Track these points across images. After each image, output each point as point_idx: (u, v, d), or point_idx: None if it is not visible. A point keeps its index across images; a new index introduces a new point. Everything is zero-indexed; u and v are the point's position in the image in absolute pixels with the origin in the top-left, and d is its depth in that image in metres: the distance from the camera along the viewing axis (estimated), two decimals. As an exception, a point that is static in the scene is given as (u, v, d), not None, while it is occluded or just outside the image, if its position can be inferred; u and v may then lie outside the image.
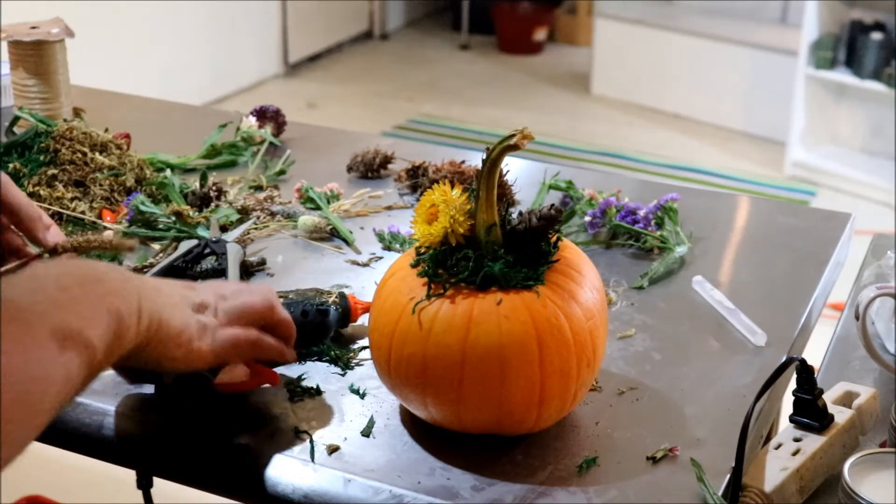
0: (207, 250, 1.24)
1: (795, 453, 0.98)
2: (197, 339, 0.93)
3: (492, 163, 0.97)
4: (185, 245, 1.26)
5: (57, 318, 0.76)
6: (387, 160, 1.61)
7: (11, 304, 0.74)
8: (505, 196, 1.46)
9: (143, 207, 1.38)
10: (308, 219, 1.40)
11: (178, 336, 0.91)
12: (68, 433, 1.08)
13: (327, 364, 1.13)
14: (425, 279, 0.98)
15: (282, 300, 1.14)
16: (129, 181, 1.46)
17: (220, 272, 1.24)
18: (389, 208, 1.50)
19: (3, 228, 1.11)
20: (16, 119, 1.59)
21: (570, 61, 5.97)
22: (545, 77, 5.74)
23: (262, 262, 1.32)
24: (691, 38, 5.01)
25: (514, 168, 1.50)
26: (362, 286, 1.28)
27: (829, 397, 1.05)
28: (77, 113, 1.71)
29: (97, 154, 1.46)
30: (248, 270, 1.31)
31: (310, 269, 1.33)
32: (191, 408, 1.02)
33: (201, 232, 1.34)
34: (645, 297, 1.28)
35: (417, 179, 1.54)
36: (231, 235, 1.32)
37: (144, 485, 1.14)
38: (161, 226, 1.38)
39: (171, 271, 1.21)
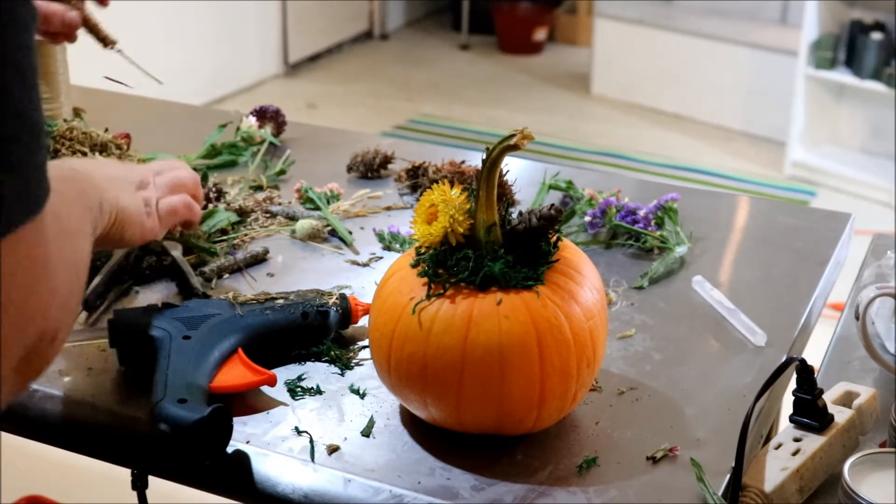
0: (143, 252, 1.26)
1: (795, 453, 0.98)
2: (146, 218, 1.10)
3: (492, 163, 0.97)
4: (120, 251, 1.26)
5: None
6: (387, 160, 1.61)
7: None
8: (505, 196, 1.46)
9: None
10: (305, 223, 1.40)
11: (132, 217, 1.06)
12: (68, 433, 1.08)
13: (327, 364, 1.13)
14: (425, 279, 0.98)
15: (281, 301, 1.14)
16: (129, 181, 1.46)
17: (162, 269, 1.26)
18: (389, 208, 1.50)
19: None
20: (16, 119, 1.58)
21: (570, 61, 5.97)
22: (545, 77, 5.74)
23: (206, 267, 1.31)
24: (691, 38, 5.01)
25: (514, 168, 1.50)
26: (362, 286, 1.28)
27: (829, 397, 1.05)
28: (77, 113, 1.71)
29: (97, 154, 1.46)
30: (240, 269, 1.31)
31: (310, 269, 1.33)
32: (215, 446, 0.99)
33: None
34: (645, 297, 1.28)
35: (417, 179, 1.54)
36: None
37: (139, 486, 1.13)
38: None
39: (116, 272, 1.24)
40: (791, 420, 1.03)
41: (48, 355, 0.76)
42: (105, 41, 1.40)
